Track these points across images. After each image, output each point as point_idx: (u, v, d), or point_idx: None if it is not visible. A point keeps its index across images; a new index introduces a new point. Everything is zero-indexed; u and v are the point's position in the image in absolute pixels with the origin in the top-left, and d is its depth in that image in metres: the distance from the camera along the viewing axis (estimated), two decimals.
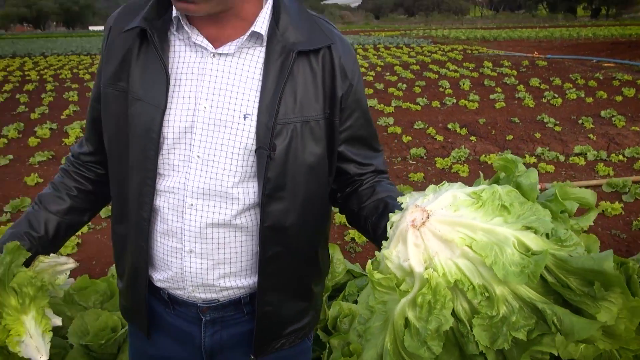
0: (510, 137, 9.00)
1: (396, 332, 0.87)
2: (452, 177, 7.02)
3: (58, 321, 1.11)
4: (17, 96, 13.91)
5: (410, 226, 0.86)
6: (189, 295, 1.34)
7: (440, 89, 13.24)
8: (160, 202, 1.28)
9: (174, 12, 1.23)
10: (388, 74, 16.03)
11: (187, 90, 1.23)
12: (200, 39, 1.23)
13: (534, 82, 13.44)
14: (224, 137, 1.22)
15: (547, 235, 0.83)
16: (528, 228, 0.83)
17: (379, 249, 0.96)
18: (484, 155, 7.83)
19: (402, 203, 0.96)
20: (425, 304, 0.82)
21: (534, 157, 7.93)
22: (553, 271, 0.81)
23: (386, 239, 0.94)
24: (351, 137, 1.34)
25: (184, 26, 1.23)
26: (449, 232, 0.83)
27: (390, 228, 0.93)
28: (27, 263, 1.14)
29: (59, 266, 1.18)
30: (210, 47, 1.23)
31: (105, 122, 1.32)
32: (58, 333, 3.03)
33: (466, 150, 8.01)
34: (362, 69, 17.38)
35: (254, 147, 1.22)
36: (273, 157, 1.20)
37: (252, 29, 1.22)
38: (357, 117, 1.34)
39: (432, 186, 0.96)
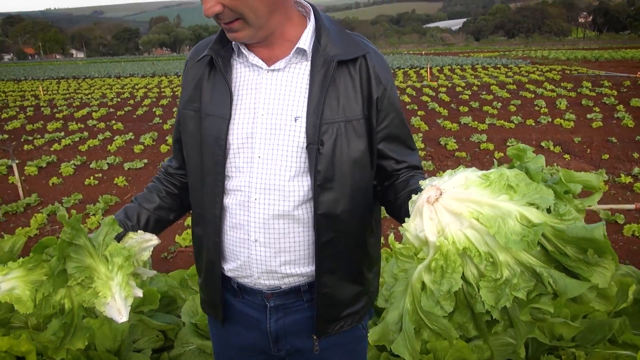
0: (606, 156, 8.38)
1: (414, 294, 0.93)
2: None
3: (139, 293, 1.19)
4: (154, 109, 15.09)
5: (426, 202, 0.93)
6: (255, 282, 1.43)
7: (536, 108, 12.62)
8: (229, 199, 1.40)
9: (234, 42, 1.37)
10: (484, 93, 15.53)
11: (247, 103, 1.36)
12: (256, 60, 1.36)
13: (635, 102, 12.40)
14: (279, 138, 1.33)
15: (547, 210, 0.88)
16: (531, 204, 0.87)
17: None
18: None
19: (422, 185, 1.01)
20: (438, 268, 0.89)
21: (630, 176, 7.33)
22: (552, 241, 0.86)
23: None
24: (388, 135, 1.41)
25: (243, 51, 1.37)
26: (458, 207, 0.89)
27: (411, 206, 0.99)
28: (118, 239, 1.27)
29: (144, 243, 1.28)
30: (264, 65, 1.35)
31: (184, 138, 1.47)
32: (174, 312, 3.27)
33: (559, 168, 7.57)
34: (459, 88, 16.99)
35: (304, 145, 1.31)
36: (321, 152, 1.30)
37: (297, 46, 1.33)
38: (392, 118, 1.40)
39: (449, 170, 1.01)
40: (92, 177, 7.93)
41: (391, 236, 0.98)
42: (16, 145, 10.43)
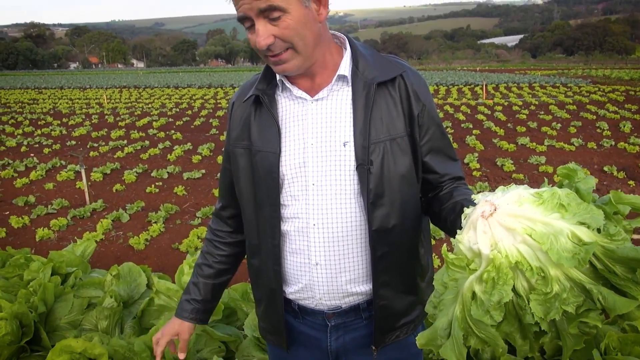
0: None
1: (464, 303, 0.96)
2: None
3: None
4: (211, 120, 15.51)
5: (480, 216, 0.96)
6: (317, 303, 1.49)
7: (598, 130, 12.18)
8: (287, 227, 1.46)
9: (278, 78, 1.44)
10: (542, 112, 15.13)
11: (296, 134, 1.42)
12: (300, 93, 1.42)
13: None
14: (330, 164, 1.39)
15: (598, 230, 0.91)
16: (582, 224, 0.90)
17: None
18: None
19: (475, 199, 1.05)
20: (490, 279, 0.92)
21: None
22: (602, 259, 0.90)
23: None
24: (431, 149, 1.46)
25: (287, 85, 1.43)
26: (512, 222, 0.93)
27: (464, 219, 1.02)
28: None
29: None
30: (308, 97, 1.42)
31: (235, 174, 1.54)
32: (234, 324, 3.36)
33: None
34: (516, 107, 16.62)
35: (354, 166, 1.38)
36: (371, 171, 1.36)
37: (337, 73, 1.40)
38: (433, 132, 1.45)
39: (501, 187, 1.04)
40: (153, 185, 8.24)
41: (444, 247, 1.02)
42: (83, 151, 10.95)
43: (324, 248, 1.42)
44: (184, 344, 1.69)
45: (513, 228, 0.92)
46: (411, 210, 1.45)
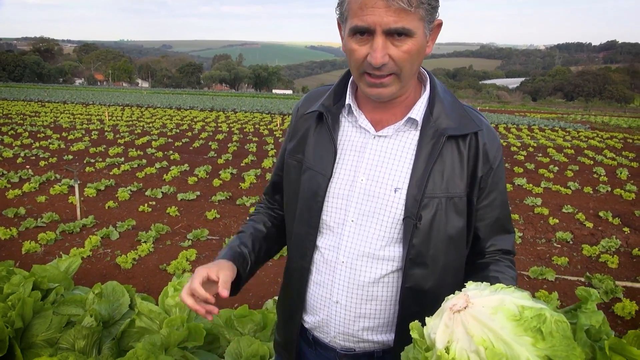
0: None
1: None
2: (599, 266, 6.38)
3: None
4: (210, 143, 15.55)
5: (449, 308, 0.93)
6: (331, 339, 1.43)
7: (594, 176, 12.22)
8: (317, 255, 1.40)
9: (347, 100, 1.38)
10: (540, 155, 15.22)
11: (349, 164, 1.36)
12: (365, 123, 1.35)
13: None
14: (376, 206, 1.31)
15: None
16: (549, 359, 0.82)
17: None
18: (637, 249, 7.01)
19: (467, 286, 1.01)
20: None
21: None
22: None
23: None
24: (486, 215, 1.36)
25: (354, 111, 1.37)
26: (474, 328, 0.88)
27: (444, 303, 0.99)
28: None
29: None
30: (372, 130, 1.35)
31: (285, 186, 1.50)
32: (215, 351, 3.27)
33: (617, 241, 7.23)
34: (514, 148, 16.71)
35: (402, 217, 1.29)
36: (419, 227, 1.27)
37: (409, 115, 1.32)
38: (494, 198, 1.36)
39: (500, 285, 0.98)
40: (146, 204, 8.17)
41: (415, 322, 1.00)
42: (78, 166, 10.91)
43: (348, 288, 1.36)
44: (229, 281, 1.35)
45: (472, 334, 0.87)
46: (452, 276, 1.36)
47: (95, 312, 2.93)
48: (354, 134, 1.38)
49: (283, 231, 1.59)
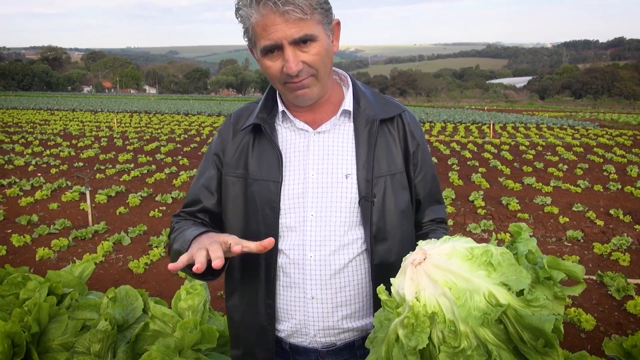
0: None
1: (389, 344, 1.02)
2: (610, 264, 6.35)
3: None
4: None
5: (410, 263, 1.03)
6: (311, 340, 1.44)
7: (604, 173, 12.14)
8: (282, 259, 1.42)
9: (280, 108, 1.46)
10: (549, 153, 15.15)
11: (297, 164, 1.43)
12: (302, 125, 1.46)
13: None
14: (331, 196, 1.40)
15: (519, 293, 0.94)
16: (504, 285, 0.95)
17: None
18: None
19: (419, 245, 1.10)
20: (409, 325, 0.97)
21: None
22: (513, 324, 0.93)
23: None
24: (422, 189, 1.51)
25: (289, 117, 1.46)
26: (436, 274, 0.98)
27: (403, 262, 1.08)
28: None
29: None
30: (310, 129, 1.45)
31: (225, 203, 1.49)
32: (227, 354, 3.30)
33: (629, 239, 7.19)
34: (522, 147, 16.66)
35: (357, 199, 1.39)
36: (375, 204, 1.39)
37: (342, 108, 1.45)
38: (425, 173, 1.51)
39: (446, 236, 1.10)
40: (156, 210, 8.24)
41: (381, 286, 1.06)
42: (89, 173, 11.01)
43: (321, 281, 1.40)
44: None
45: (436, 279, 0.97)
46: (409, 246, 1.44)
47: (109, 316, 2.98)
48: (294, 137, 1.46)
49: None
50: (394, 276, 1.40)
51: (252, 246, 1.23)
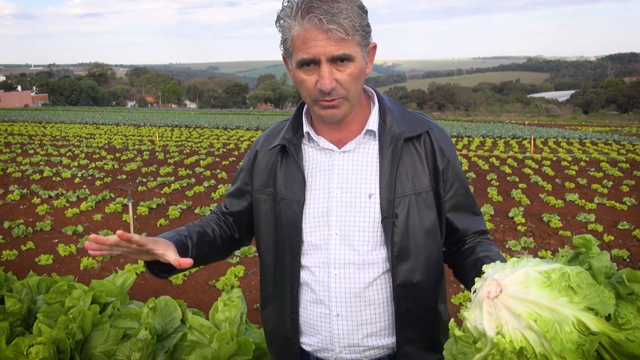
0: None
1: None
2: None
3: None
4: None
5: (486, 297, 0.97)
6: (337, 356, 1.46)
7: None
8: (307, 276, 1.45)
9: (305, 129, 1.49)
10: (593, 169, 14.70)
11: (321, 184, 1.45)
12: (327, 144, 1.47)
13: None
14: (355, 215, 1.41)
15: (606, 318, 0.89)
16: (590, 309, 0.88)
17: None
18: None
19: (485, 271, 1.04)
20: None
21: None
22: (609, 350, 0.88)
23: None
24: (455, 204, 1.48)
25: (313, 137, 1.48)
26: (517, 306, 0.92)
27: (473, 293, 1.03)
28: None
29: None
30: (335, 148, 1.46)
31: (256, 219, 1.56)
32: None
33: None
34: (565, 163, 16.23)
35: (379, 219, 1.39)
36: (397, 224, 1.38)
37: (366, 127, 1.44)
38: (457, 187, 1.48)
39: (512, 259, 1.04)
40: None
41: (452, 321, 1.03)
42: (131, 185, 11.33)
43: (345, 299, 1.42)
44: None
45: (518, 313, 0.92)
46: (434, 266, 1.46)
47: (149, 325, 3.05)
48: (319, 156, 1.48)
49: (226, 246, 1.65)
50: (416, 296, 1.42)
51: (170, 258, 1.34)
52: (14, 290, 3.37)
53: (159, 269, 1.47)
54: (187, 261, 1.35)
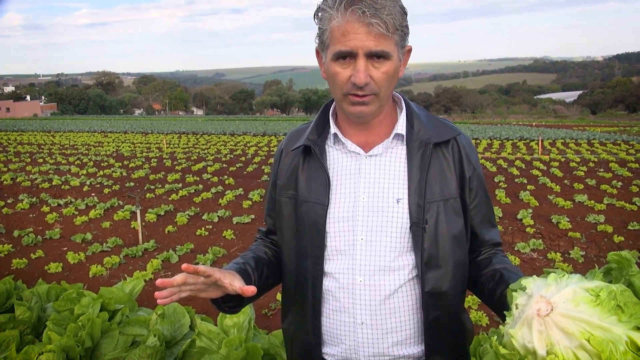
0: None
1: None
2: None
3: None
4: (263, 167, 15.85)
5: (536, 315, 0.96)
6: None
7: None
8: (330, 282, 1.41)
9: (332, 130, 1.46)
10: (602, 170, 14.59)
11: (347, 187, 1.42)
12: (354, 147, 1.44)
13: None
14: (382, 220, 1.38)
15: None
16: (638, 328, 0.89)
17: (497, 314, 1.11)
18: None
19: (526, 287, 1.03)
20: None
21: None
22: None
23: (502, 305, 1.08)
24: (477, 213, 1.45)
25: (340, 139, 1.45)
26: (569, 325, 0.91)
27: (516, 309, 1.02)
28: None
29: None
30: (362, 152, 1.43)
31: (279, 223, 1.53)
32: None
33: None
34: (573, 164, 16.13)
35: (408, 224, 1.36)
36: (426, 230, 1.35)
37: (395, 131, 1.42)
38: (481, 197, 1.46)
39: (553, 275, 1.03)
40: (203, 228, 8.42)
41: (494, 339, 1.01)
42: (139, 193, 11.38)
43: (371, 306, 1.38)
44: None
45: (571, 332, 0.91)
46: (462, 273, 1.43)
47: (158, 332, 3.06)
48: (345, 159, 1.45)
49: (281, 264, 1.58)
50: (444, 304, 1.38)
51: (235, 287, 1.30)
52: (23, 299, 3.40)
53: (228, 305, 1.44)
54: (251, 288, 1.29)
